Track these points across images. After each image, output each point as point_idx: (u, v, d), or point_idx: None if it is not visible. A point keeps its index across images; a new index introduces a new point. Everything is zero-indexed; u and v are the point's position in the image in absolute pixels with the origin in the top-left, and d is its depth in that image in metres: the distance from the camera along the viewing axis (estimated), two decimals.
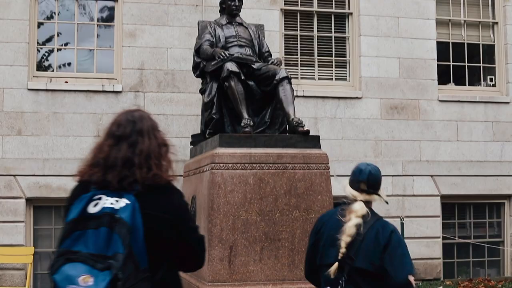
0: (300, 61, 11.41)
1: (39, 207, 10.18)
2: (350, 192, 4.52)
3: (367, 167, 4.54)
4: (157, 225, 3.21)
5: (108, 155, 3.32)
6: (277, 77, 8.01)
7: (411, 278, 4.21)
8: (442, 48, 11.90)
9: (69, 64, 10.62)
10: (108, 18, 10.84)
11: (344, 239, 4.30)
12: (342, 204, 4.56)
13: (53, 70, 10.55)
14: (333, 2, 11.60)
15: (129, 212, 3.12)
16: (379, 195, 4.55)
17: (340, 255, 4.28)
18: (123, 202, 3.17)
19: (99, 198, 3.21)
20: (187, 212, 3.47)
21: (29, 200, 10.03)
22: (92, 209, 3.17)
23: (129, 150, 3.29)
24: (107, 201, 3.18)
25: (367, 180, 4.50)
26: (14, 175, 9.95)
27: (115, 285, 2.98)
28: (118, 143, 3.32)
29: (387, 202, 4.63)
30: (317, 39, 11.50)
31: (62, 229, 3.19)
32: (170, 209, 3.30)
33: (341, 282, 4.29)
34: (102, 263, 3.02)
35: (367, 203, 4.46)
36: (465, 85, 12.05)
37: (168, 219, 3.26)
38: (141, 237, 3.12)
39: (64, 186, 10.03)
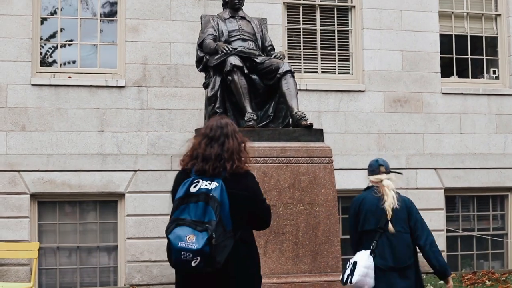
0: (303, 54, 11.41)
1: (44, 202, 10.21)
2: (374, 178, 6.00)
3: (378, 158, 6.16)
4: (237, 200, 4.47)
5: (204, 150, 4.57)
6: (280, 71, 8.01)
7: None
8: (445, 40, 11.90)
9: (72, 60, 10.63)
10: (111, 13, 10.85)
11: (389, 206, 5.79)
12: (371, 187, 6.00)
13: (56, 66, 10.57)
14: None
15: (219, 191, 4.39)
16: (394, 171, 6.16)
17: (389, 216, 5.77)
18: (214, 184, 4.43)
19: (197, 182, 4.47)
20: (258, 189, 4.76)
21: (33, 196, 10.05)
22: (193, 189, 4.43)
23: (219, 148, 4.56)
24: (203, 184, 4.45)
25: (383, 163, 6.04)
26: (19, 171, 9.97)
27: (210, 241, 4.24)
28: (211, 142, 4.59)
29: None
30: (320, 32, 11.50)
31: (173, 204, 4.47)
32: (246, 188, 4.59)
33: (373, 244, 5.75)
34: (200, 226, 4.29)
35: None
36: (468, 77, 12.05)
37: (245, 195, 4.56)
38: (227, 209, 4.39)
39: (68, 182, 10.07)
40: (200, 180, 4.48)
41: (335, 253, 7.50)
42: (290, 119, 8.08)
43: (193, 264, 4.32)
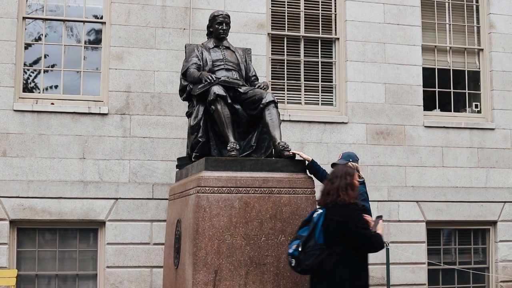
0: (287, 85, 11.44)
1: (23, 229, 10.11)
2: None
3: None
4: (331, 223, 6.20)
5: (323, 188, 6.51)
6: (263, 101, 8.02)
7: None
8: (428, 74, 11.98)
9: (55, 86, 10.60)
10: (95, 40, 10.85)
11: None
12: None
13: (39, 92, 10.53)
14: (320, 27, 11.67)
15: (318, 216, 6.31)
16: None
17: None
18: (320, 211, 6.35)
19: (317, 210, 6.44)
20: (355, 217, 6.24)
21: (13, 222, 9.96)
22: (315, 215, 6.38)
23: (331, 186, 6.37)
24: (318, 212, 6.37)
25: None
26: None
27: (298, 249, 6.23)
28: (327, 183, 6.46)
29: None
30: (304, 63, 11.55)
31: (300, 224, 6.65)
32: (342, 215, 6.18)
33: None
34: (303, 239, 6.28)
35: None
36: (451, 111, 12.13)
37: (338, 220, 6.17)
38: (319, 228, 6.23)
39: (49, 209, 9.99)
40: (319, 209, 6.41)
41: None
42: (273, 150, 8.07)
43: (292, 264, 6.31)
